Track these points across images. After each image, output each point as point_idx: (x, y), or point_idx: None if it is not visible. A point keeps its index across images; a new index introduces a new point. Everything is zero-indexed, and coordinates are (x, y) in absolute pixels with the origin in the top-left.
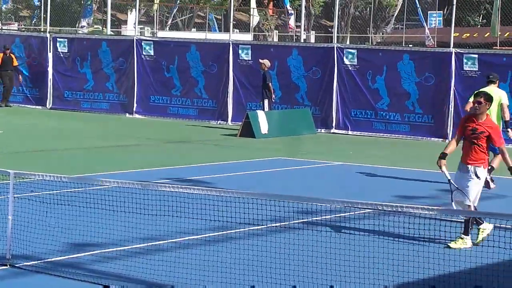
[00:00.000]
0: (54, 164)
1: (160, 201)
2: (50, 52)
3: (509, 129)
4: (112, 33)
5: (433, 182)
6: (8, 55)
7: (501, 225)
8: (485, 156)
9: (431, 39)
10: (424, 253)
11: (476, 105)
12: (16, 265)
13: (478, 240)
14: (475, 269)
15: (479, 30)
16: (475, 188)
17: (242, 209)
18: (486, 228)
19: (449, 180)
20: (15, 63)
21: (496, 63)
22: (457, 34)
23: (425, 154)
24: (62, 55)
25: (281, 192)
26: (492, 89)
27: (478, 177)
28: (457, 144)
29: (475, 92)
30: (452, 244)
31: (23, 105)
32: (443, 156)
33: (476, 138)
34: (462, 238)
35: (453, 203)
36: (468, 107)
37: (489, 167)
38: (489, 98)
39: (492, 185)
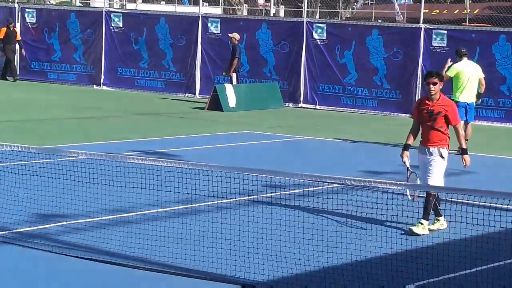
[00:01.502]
0: (22, 135)
1: (128, 173)
2: (18, 22)
3: (479, 99)
4: (81, 4)
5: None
6: (11, 29)
7: (468, 201)
8: (446, 137)
9: (401, 15)
10: (392, 227)
11: (431, 86)
12: None
13: (431, 227)
14: (442, 244)
15: (448, 6)
16: (439, 167)
17: (210, 182)
18: (443, 223)
19: (408, 168)
20: (18, 37)
21: (465, 39)
22: (427, 10)
23: (393, 129)
24: (30, 26)
25: (248, 166)
26: (470, 63)
27: (442, 157)
28: (417, 130)
29: (427, 72)
30: (415, 229)
31: None
32: (406, 147)
33: (434, 121)
34: (424, 222)
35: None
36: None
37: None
38: (442, 78)
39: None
